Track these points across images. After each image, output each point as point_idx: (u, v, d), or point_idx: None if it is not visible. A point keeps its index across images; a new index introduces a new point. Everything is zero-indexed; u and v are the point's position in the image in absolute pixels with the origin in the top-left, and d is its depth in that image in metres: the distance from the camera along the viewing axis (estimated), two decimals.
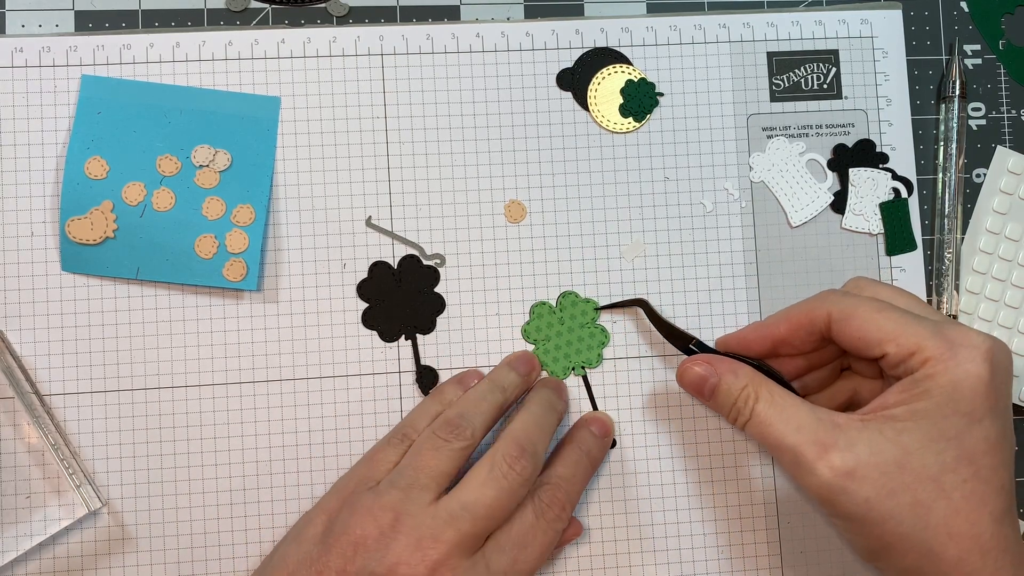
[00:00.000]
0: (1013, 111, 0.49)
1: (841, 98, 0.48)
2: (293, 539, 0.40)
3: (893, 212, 0.48)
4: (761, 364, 0.41)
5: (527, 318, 0.46)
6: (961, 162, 0.48)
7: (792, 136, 0.48)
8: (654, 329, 0.45)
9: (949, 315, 0.47)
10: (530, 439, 0.40)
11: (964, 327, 0.37)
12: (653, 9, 0.48)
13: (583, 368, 0.46)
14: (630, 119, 0.47)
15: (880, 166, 0.48)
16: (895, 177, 0.48)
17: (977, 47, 0.49)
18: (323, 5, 0.47)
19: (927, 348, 0.36)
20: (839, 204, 0.48)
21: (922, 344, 0.36)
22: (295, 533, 0.40)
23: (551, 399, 0.43)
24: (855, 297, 0.39)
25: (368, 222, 0.44)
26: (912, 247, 0.48)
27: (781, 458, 0.37)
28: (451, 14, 0.47)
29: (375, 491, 0.39)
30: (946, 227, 0.48)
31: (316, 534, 0.39)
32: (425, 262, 0.45)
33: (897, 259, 0.48)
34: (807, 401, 0.38)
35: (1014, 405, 0.48)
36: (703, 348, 0.43)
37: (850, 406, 0.42)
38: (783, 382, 0.41)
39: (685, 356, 0.43)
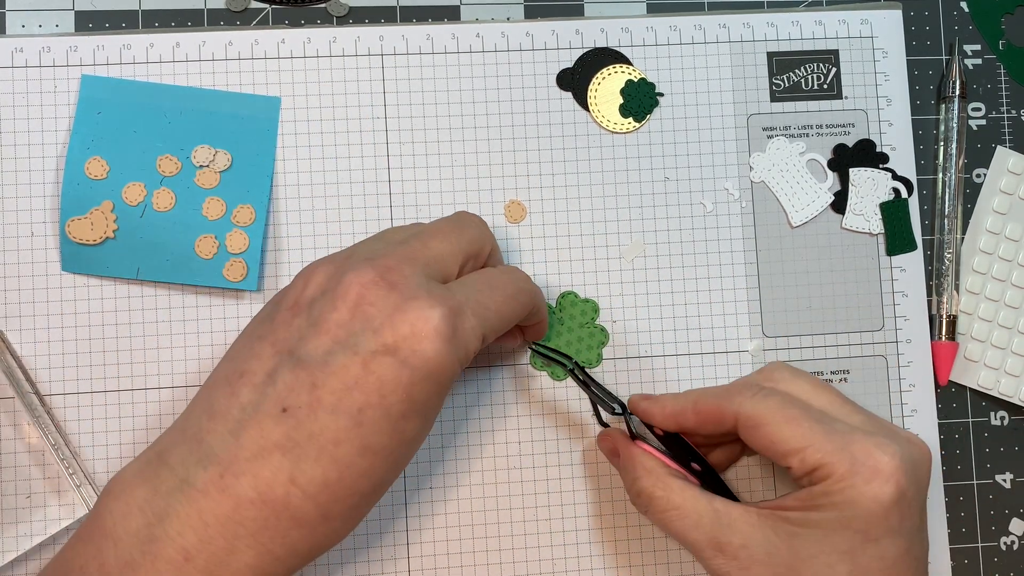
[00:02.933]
0: (1013, 111, 0.49)
1: (841, 98, 0.48)
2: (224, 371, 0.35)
3: (893, 212, 0.48)
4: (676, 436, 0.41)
5: None
6: (961, 162, 0.48)
7: (792, 136, 0.48)
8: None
9: (949, 315, 0.47)
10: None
11: (877, 440, 0.36)
12: (653, 9, 0.48)
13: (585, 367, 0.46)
14: (630, 119, 0.47)
15: (880, 166, 0.48)
16: (895, 177, 0.48)
17: (977, 47, 0.49)
18: (323, 5, 0.47)
19: (829, 465, 0.36)
20: (839, 204, 0.48)
21: (825, 461, 0.36)
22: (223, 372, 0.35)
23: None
24: (766, 400, 0.38)
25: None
26: (912, 247, 0.48)
27: (684, 546, 0.38)
28: (451, 14, 0.47)
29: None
30: (946, 227, 0.48)
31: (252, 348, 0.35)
32: None
33: (897, 259, 0.48)
34: (706, 493, 0.38)
35: (1015, 405, 0.48)
36: (626, 413, 0.41)
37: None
38: (694, 453, 0.41)
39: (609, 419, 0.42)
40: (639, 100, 0.47)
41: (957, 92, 0.48)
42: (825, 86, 0.48)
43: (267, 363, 0.33)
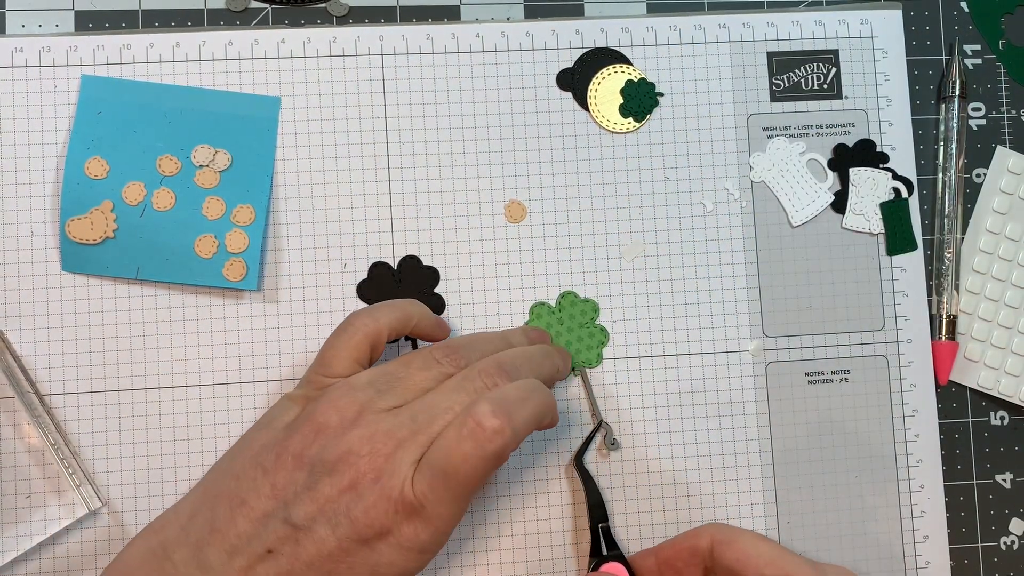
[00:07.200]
0: (1013, 111, 0.49)
1: (841, 98, 0.48)
2: (264, 425, 0.40)
3: (893, 212, 0.48)
4: None
5: (527, 318, 0.46)
6: (961, 162, 0.48)
7: (792, 136, 0.48)
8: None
9: (949, 315, 0.47)
10: (514, 364, 0.40)
11: (840, 569, 0.40)
12: (653, 9, 0.48)
13: (583, 368, 0.46)
14: (630, 119, 0.47)
15: (880, 166, 0.48)
16: (895, 177, 0.48)
17: (977, 47, 0.49)
18: (323, 5, 0.47)
19: (800, 574, 0.38)
20: (840, 204, 0.48)
21: (796, 571, 0.38)
22: (267, 420, 0.40)
23: (551, 351, 0.43)
24: (737, 528, 0.41)
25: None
26: (912, 247, 0.48)
27: None
28: (451, 14, 0.47)
29: (351, 384, 0.39)
30: (946, 227, 0.48)
31: (288, 421, 0.39)
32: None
33: (897, 259, 0.48)
34: None
35: (1015, 405, 0.48)
36: (608, 537, 0.43)
37: None
38: None
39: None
40: (639, 100, 0.47)
41: (957, 92, 0.48)
42: (825, 86, 0.48)
43: (264, 504, 0.37)
